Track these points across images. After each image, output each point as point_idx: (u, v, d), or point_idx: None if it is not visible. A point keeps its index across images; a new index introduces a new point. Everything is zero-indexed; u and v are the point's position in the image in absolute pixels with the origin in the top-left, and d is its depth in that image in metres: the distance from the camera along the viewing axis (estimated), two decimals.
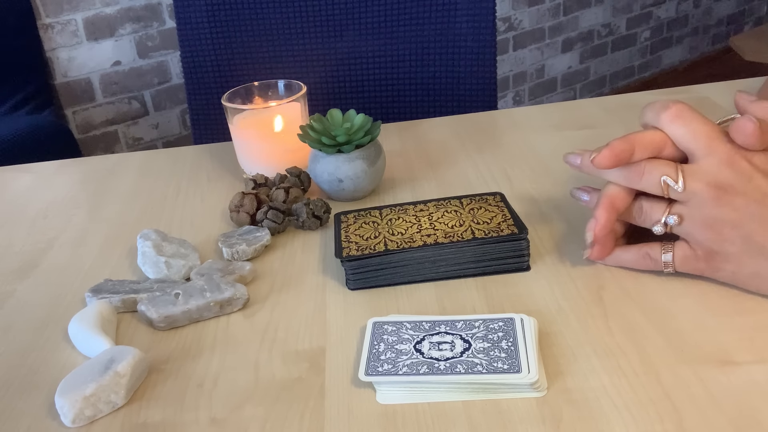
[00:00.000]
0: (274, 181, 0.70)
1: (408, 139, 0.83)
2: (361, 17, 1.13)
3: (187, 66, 1.17)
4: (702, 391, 0.41)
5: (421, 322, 0.48)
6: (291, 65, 1.16)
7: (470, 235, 0.54)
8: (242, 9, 1.14)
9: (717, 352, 0.44)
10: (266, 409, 0.44)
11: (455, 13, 1.10)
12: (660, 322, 0.47)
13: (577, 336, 0.47)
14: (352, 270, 0.54)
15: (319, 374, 0.46)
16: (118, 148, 2.26)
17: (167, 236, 0.62)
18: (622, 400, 0.41)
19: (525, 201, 0.65)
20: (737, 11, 3.75)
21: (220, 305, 0.53)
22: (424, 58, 1.14)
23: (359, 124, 0.67)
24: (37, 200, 0.78)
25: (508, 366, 0.43)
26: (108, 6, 2.11)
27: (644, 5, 3.28)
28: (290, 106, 0.74)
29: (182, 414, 0.44)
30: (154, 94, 2.27)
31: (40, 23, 2.02)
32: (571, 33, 3.08)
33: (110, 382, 0.45)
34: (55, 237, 0.69)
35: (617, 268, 0.53)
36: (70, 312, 0.56)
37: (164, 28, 2.22)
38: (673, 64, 3.51)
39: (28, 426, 0.45)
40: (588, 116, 0.83)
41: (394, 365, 0.45)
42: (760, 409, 0.40)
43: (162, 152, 0.88)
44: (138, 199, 0.76)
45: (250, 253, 0.61)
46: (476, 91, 1.13)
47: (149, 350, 0.51)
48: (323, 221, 0.64)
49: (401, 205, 0.61)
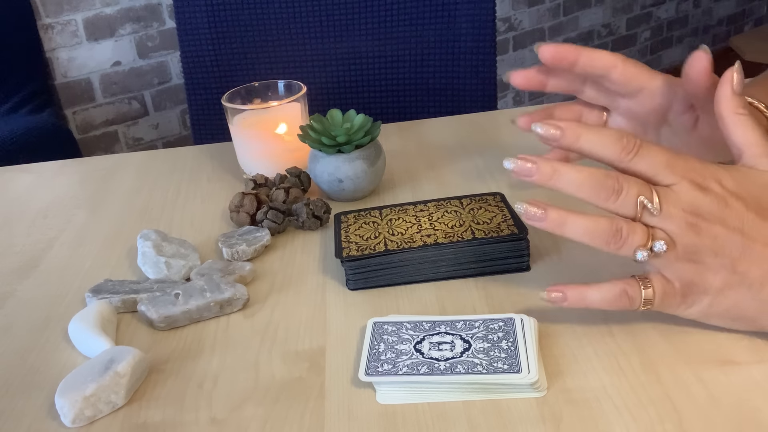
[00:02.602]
0: (274, 181, 0.70)
1: (408, 139, 0.83)
2: (361, 17, 1.13)
3: (187, 66, 1.17)
4: (702, 391, 0.41)
5: (421, 322, 0.48)
6: (291, 65, 1.16)
7: (470, 235, 0.54)
8: (242, 9, 1.14)
9: (717, 352, 0.44)
10: (266, 409, 0.44)
11: (455, 13, 1.10)
12: (660, 323, 0.47)
13: (577, 336, 0.47)
14: (352, 270, 0.54)
15: (319, 374, 0.46)
16: (118, 149, 2.26)
17: (167, 236, 0.62)
18: (622, 400, 0.41)
19: None
20: (737, 11, 3.75)
21: (220, 305, 0.53)
22: (424, 58, 1.14)
23: (359, 124, 0.67)
24: (37, 200, 0.78)
25: (508, 366, 0.43)
26: (108, 6, 2.11)
27: (644, 5, 3.28)
28: (290, 106, 0.74)
29: (182, 414, 0.44)
30: (154, 94, 2.27)
31: (40, 23, 2.02)
32: (571, 33, 3.08)
33: (110, 382, 0.45)
34: (55, 237, 0.69)
35: (617, 268, 0.53)
36: (70, 312, 0.56)
37: (164, 28, 2.22)
38: (673, 64, 3.51)
39: (28, 426, 0.45)
40: None
41: (394, 365, 0.45)
42: (760, 409, 0.40)
43: (162, 152, 0.88)
44: (138, 199, 0.76)
45: (250, 253, 0.61)
46: (476, 91, 1.13)
47: (149, 350, 0.51)
48: (323, 221, 0.64)
49: (401, 205, 0.61)
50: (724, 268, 0.42)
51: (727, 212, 0.42)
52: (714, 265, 0.43)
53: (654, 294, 0.44)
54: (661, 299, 0.44)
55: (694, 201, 0.42)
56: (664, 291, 0.44)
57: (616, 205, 0.42)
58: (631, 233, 0.42)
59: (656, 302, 0.44)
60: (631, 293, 0.44)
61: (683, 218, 0.42)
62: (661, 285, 0.44)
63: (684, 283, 0.44)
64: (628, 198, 0.42)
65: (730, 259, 0.42)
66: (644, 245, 0.42)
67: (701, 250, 0.42)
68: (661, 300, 0.44)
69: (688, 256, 0.42)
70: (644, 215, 0.42)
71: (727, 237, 0.42)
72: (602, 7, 3.14)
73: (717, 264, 0.43)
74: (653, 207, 0.42)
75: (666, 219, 0.42)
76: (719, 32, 3.69)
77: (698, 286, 0.43)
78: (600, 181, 0.42)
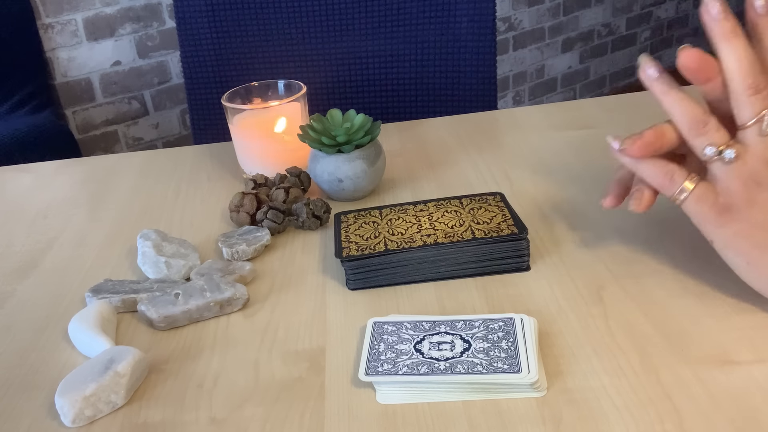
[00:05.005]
0: (274, 181, 0.70)
1: (408, 139, 0.83)
2: (361, 17, 1.13)
3: (187, 66, 1.17)
4: (702, 391, 0.41)
5: (421, 322, 0.48)
6: (291, 65, 1.16)
7: (470, 235, 0.54)
8: (242, 9, 1.14)
9: (717, 352, 0.44)
10: (266, 409, 0.44)
11: (455, 13, 1.10)
12: (660, 322, 0.47)
13: (577, 336, 0.47)
14: (352, 270, 0.54)
15: (319, 374, 0.46)
16: (118, 148, 2.26)
17: (167, 236, 0.62)
18: (622, 400, 0.41)
19: (525, 201, 0.65)
20: (737, 11, 3.75)
21: (220, 305, 0.53)
22: (424, 58, 1.14)
23: (359, 124, 0.67)
24: (37, 200, 0.78)
25: (508, 366, 0.43)
26: (108, 6, 2.11)
27: (644, 5, 3.28)
28: (290, 106, 0.74)
29: (182, 414, 0.44)
30: (154, 94, 2.27)
31: (40, 23, 2.02)
32: (571, 33, 3.08)
33: (110, 382, 0.45)
34: (55, 237, 0.69)
35: (617, 268, 0.53)
36: (70, 312, 0.57)
37: (164, 28, 2.22)
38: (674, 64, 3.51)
39: (28, 426, 0.45)
40: (588, 116, 0.83)
41: (394, 365, 0.45)
42: (760, 409, 0.40)
43: (162, 152, 0.88)
44: (138, 199, 0.76)
45: (250, 253, 0.61)
46: (476, 91, 1.13)
47: (149, 350, 0.51)
48: (323, 221, 0.64)
49: (401, 205, 0.61)
50: None
51: None
52: (762, 200, 0.44)
53: (693, 189, 0.46)
54: (695, 200, 0.46)
55: None
56: (704, 194, 0.46)
57: (749, 100, 0.44)
58: (714, 130, 0.45)
59: (691, 198, 0.47)
60: (676, 177, 0.47)
61: (764, 147, 0.44)
62: (704, 187, 0.46)
63: (728, 200, 0.45)
64: (761, 103, 0.44)
65: None
66: (717, 144, 0.45)
67: (764, 182, 0.44)
68: (696, 200, 0.46)
69: (751, 182, 0.44)
70: (755, 127, 0.44)
71: None
72: (602, 7, 3.14)
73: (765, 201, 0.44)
74: (762, 127, 0.44)
75: (759, 142, 0.44)
76: None
77: (739, 212, 0.45)
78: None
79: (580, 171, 0.69)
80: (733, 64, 0.45)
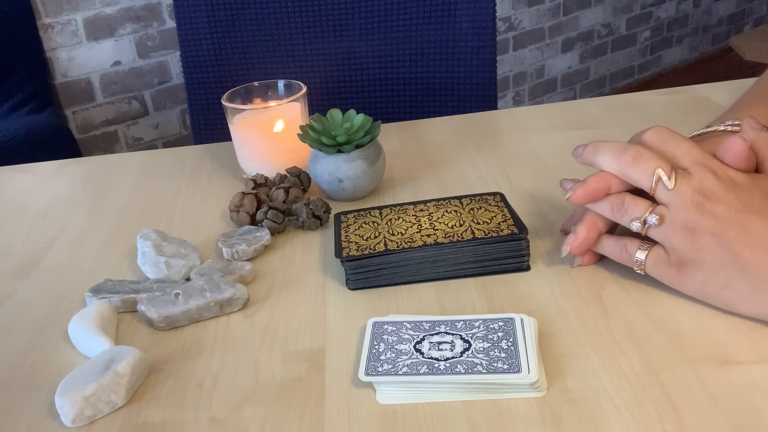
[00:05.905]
0: (274, 181, 0.70)
1: (408, 139, 0.83)
2: (361, 17, 1.13)
3: (187, 66, 1.17)
4: (702, 391, 0.41)
5: (421, 322, 0.48)
6: (291, 65, 1.16)
7: (470, 235, 0.54)
8: (242, 9, 1.14)
9: (717, 352, 0.44)
10: (266, 409, 0.44)
11: (455, 13, 1.10)
12: (660, 322, 0.47)
13: (577, 336, 0.47)
14: (352, 270, 0.54)
15: (319, 374, 0.46)
16: (118, 148, 2.26)
17: (167, 236, 0.62)
18: (622, 400, 0.41)
19: (525, 201, 0.65)
20: (737, 11, 3.75)
21: (220, 305, 0.53)
22: (424, 58, 1.14)
23: (359, 124, 0.67)
24: (37, 200, 0.78)
25: (508, 366, 0.43)
26: (108, 6, 2.11)
27: (644, 5, 3.28)
28: (290, 106, 0.74)
29: (182, 414, 0.44)
30: (154, 94, 2.27)
31: (40, 23, 2.02)
32: (571, 33, 3.08)
33: (110, 382, 0.45)
34: (55, 237, 0.69)
35: (617, 268, 0.53)
36: (70, 312, 0.57)
37: (164, 28, 2.22)
38: (673, 64, 3.51)
39: (28, 426, 0.45)
40: (588, 116, 0.83)
41: (394, 365, 0.45)
42: (760, 409, 0.40)
43: (162, 152, 0.88)
44: (138, 199, 0.76)
45: (250, 253, 0.61)
46: (476, 91, 1.13)
47: (149, 350, 0.51)
48: (323, 221, 0.64)
49: (401, 205, 0.61)
50: (718, 247, 0.45)
51: (732, 196, 0.45)
52: (708, 244, 0.45)
53: (646, 257, 0.49)
54: (652, 265, 0.49)
55: (704, 182, 0.46)
56: (658, 258, 0.48)
57: (634, 169, 0.47)
58: (632, 205, 0.48)
59: (647, 265, 0.49)
60: (629, 250, 0.50)
61: (691, 197, 0.45)
62: (656, 251, 0.49)
63: (679, 256, 0.47)
64: (647, 166, 0.47)
65: (726, 239, 0.45)
66: (639, 216, 0.48)
67: (700, 228, 0.45)
68: (653, 265, 0.49)
69: (687, 232, 0.46)
70: (659, 188, 0.47)
71: (727, 217, 0.45)
72: (602, 6, 3.14)
73: (712, 243, 0.45)
74: (669, 182, 0.46)
75: (676, 195, 0.46)
76: (719, 32, 3.69)
77: (693, 263, 0.46)
78: (623, 146, 0.49)
79: (580, 171, 0.69)
80: (605, 159, 0.49)
